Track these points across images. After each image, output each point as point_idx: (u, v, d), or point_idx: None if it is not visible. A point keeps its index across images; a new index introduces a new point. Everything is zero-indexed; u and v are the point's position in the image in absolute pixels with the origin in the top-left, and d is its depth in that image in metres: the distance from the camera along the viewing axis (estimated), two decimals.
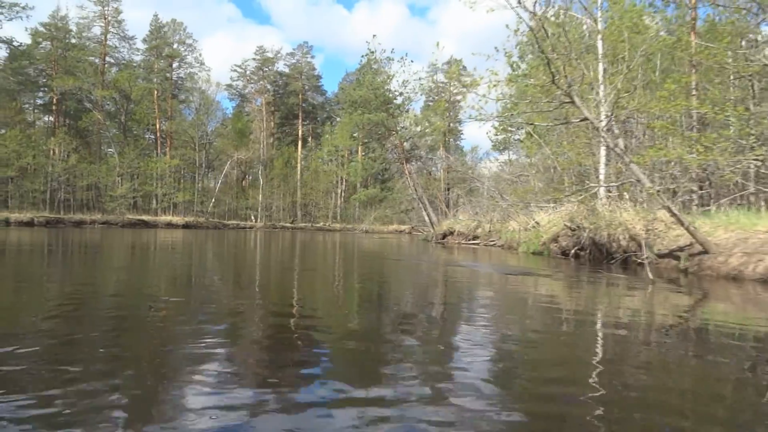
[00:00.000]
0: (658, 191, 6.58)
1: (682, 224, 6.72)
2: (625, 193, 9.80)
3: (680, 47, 9.77)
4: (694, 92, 10.99)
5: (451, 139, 65.32)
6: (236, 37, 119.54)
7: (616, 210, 9.43)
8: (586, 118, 6.86)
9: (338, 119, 69.80)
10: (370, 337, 3.40)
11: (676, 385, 2.60)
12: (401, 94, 25.12)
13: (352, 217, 61.62)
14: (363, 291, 6.03)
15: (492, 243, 17.48)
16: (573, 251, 10.41)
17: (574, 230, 10.41)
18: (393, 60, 23.28)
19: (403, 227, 52.51)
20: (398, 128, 25.20)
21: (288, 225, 56.81)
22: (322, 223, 59.22)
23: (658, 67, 11.57)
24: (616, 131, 6.96)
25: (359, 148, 65.76)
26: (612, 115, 6.74)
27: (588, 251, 10.04)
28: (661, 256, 7.66)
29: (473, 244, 18.70)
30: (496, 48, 9.77)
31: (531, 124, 7.50)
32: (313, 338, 3.23)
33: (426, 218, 26.54)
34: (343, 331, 3.51)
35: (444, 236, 21.41)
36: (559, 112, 8.10)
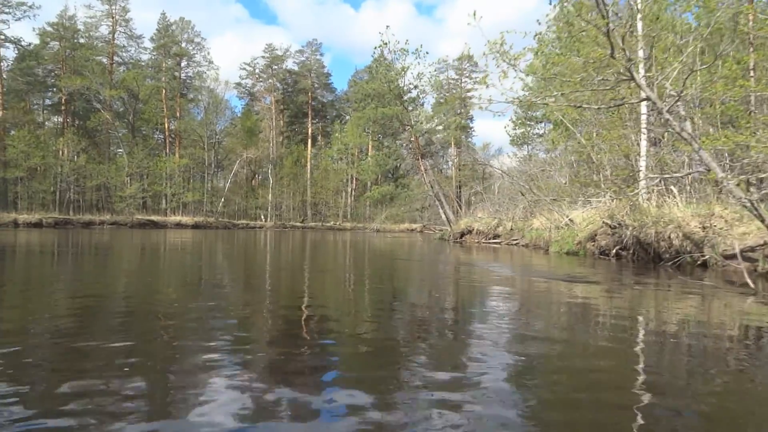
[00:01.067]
0: (749, 183, 5.71)
1: (763, 221, 5.81)
2: (672, 187, 8.88)
3: (741, 21, 8.81)
4: (751, 73, 10.04)
5: (463, 136, 64.41)
6: (244, 37, 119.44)
7: (663, 205, 8.52)
8: (646, 98, 5.96)
9: (348, 117, 69.08)
10: (384, 342, 3.21)
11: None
12: (416, 87, 24.29)
13: (362, 216, 60.91)
14: (378, 295, 5.54)
15: (515, 242, 16.57)
16: (614, 251, 9.49)
17: (614, 228, 9.50)
18: (407, 52, 22.43)
19: (414, 226, 51.71)
20: (413, 123, 24.28)
21: (298, 224, 56.13)
22: (332, 223, 58.50)
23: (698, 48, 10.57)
24: (682, 113, 6.08)
25: (369, 146, 64.98)
26: (681, 92, 5.81)
27: (632, 251, 9.11)
28: (726, 257, 6.75)
29: (494, 243, 17.79)
30: (538, 21, 8.88)
31: (578, 106, 6.60)
32: (327, 344, 3.09)
33: (443, 216, 25.59)
34: (357, 336, 3.32)
35: (462, 235, 20.48)
36: (591, 96, 7.16)
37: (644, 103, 10.90)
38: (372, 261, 10.85)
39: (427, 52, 35.55)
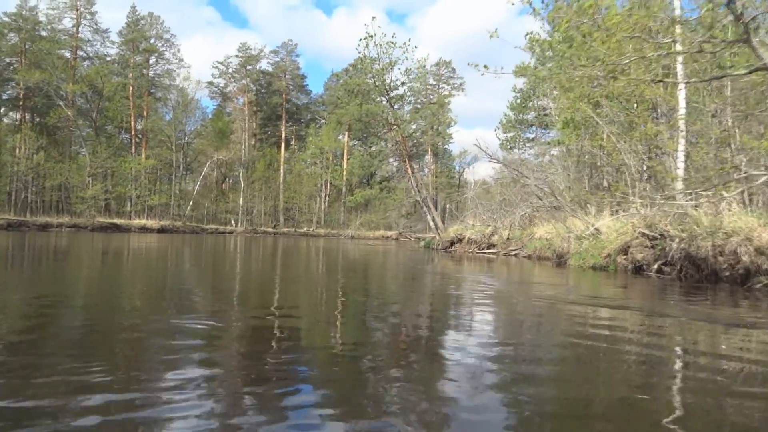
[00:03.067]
0: None
1: None
2: (724, 192, 7.52)
3: None
4: None
5: (440, 143, 63.37)
6: (215, 40, 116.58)
7: (722, 214, 7.16)
8: (762, 67, 4.53)
9: (323, 121, 67.47)
10: (356, 361, 2.90)
11: None
12: (403, 83, 22.78)
13: (336, 222, 59.23)
14: (356, 311, 4.99)
15: (513, 252, 15.16)
16: (655, 266, 8.08)
17: (654, 240, 8.11)
18: (395, 45, 20.87)
19: (390, 233, 50.47)
20: (400, 121, 22.73)
21: (270, 230, 54.07)
22: (305, 228, 56.53)
23: None
24: None
25: (345, 150, 63.43)
26: None
27: (678, 267, 7.72)
28: None
29: (489, 253, 16.36)
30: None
31: (658, 80, 5.21)
32: (297, 361, 2.88)
33: (431, 222, 24.07)
34: (328, 353, 3.09)
35: (451, 243, 19.02)
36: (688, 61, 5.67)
37: (682, 95, 9.65)
38: (350, 272, 9.77)
39: (416, 47, 34.18)
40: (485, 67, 6.48)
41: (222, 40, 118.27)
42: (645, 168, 11.56)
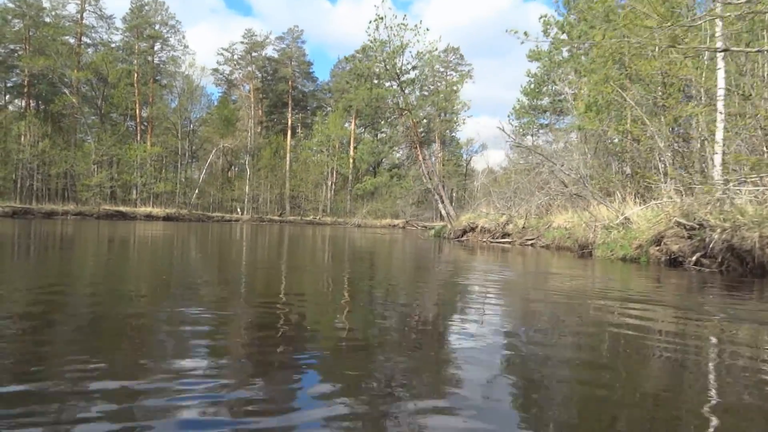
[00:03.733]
0: None
1: None
2: (766, 177, 6.95)
3: None
4: None
5: (449, 130, 62.68)
6: (219, 28, 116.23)
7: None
8: None
9: (329, 108, 66.83)
10: (368, 352, 2.78)
11: None
12: (414, 67, 22.10)
13: (342, 210, 58.78)
14: (364, 301, 4.82)
15: (530, 242, 14.62)
16: (693, 259, 7.53)
17: (691, 230, 7.56)
18: (406, 27, 20.19)
19: (396, 221, 50.08)
20: (411, 106, 22.06)
21: (276, 218, 53.69)
22: (311, 217, 56.12)
23: None
24: None
25: (351, 138, 62.83)
26: None
27: (719, 260, 7.17)
28: None
29: (504, 242, 15.82)
30: None
31: (723, 50, 4.62)
32: (307, 353, 2.74)
33: (442, 210, 23.53)
34: (338, 348, 2.89)
35: (464, 233, 18.49)
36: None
37: (721, 74, 9.04)
38: (358, 261, 9.46)
39: (427, 29, 33.58)
40: (525, 34, 6.02)
41: (226, 28, 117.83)
42: (671, 153, 10.99)
